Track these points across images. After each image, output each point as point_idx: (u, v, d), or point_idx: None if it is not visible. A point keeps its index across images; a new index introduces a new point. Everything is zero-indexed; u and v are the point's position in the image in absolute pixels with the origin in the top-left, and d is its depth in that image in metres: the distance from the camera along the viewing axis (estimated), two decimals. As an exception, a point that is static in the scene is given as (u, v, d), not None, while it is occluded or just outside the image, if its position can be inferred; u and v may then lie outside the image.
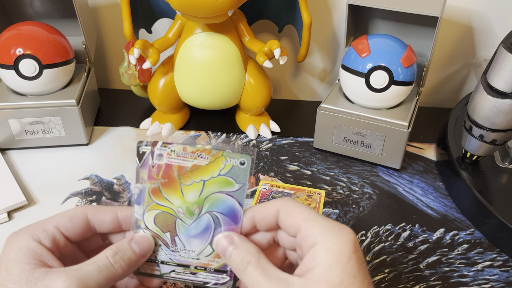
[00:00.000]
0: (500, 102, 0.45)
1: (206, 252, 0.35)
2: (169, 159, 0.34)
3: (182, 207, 0.34)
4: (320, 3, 0.65)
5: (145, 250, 0.34)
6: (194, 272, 0.35)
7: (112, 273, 0.31)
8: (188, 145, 0.34)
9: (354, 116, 0.55)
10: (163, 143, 0.34)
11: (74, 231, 0.34)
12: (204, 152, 0.34)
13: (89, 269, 0.30)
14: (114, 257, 0.32)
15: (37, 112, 0.55)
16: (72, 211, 0.34)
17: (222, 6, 0.48)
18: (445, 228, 0.50)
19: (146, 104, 0.67)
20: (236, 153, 0.34)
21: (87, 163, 0.57)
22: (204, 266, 0.35)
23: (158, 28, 0.64)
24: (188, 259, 0.35)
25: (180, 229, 0.35)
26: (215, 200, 0.34)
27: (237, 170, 0.34)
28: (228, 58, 0.56)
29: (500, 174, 0.53)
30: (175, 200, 0.34)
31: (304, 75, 0.73)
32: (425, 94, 0.72)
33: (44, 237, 0.32)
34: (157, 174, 0.34)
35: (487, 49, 0.66)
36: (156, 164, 0.34)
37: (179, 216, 0.35)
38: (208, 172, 0.34)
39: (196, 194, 0.34)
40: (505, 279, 0.44)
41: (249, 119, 0.63)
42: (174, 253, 0.35)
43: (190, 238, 0.35)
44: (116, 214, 0.35)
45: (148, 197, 0.34)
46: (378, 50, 0.52)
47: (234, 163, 0.34)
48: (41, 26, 0.55)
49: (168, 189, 0.34)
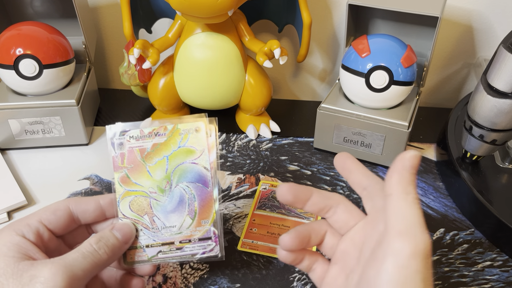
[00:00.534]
0: (500, 102, 0.45)
1: (186, 224, 0.36)
2: (130, 145, 0.36)
3: (153, 186, 0.35)
4: (320, 3, 0.65)
5: (127, 235, 0.35)
6: (180, 247, 0.36)
7: (97, 258, 0.32)
8: (144, 127, 0.35)
9: (354, 116, 0.55)
10: (121, 132, 0.35)
11: (58, 223, 0.34)
12: (160, 130, 0.35)
13: (74, 256, 0.31)
14: (98, 243, 0.33)
15: (37, 112, 0.55)
16: (55, 204, 0.35)
17: (222, 6, 0.48)
18: (445, 228, 0.50)
19: (146, 104, 0.67)
20: (190, 122, 0.35)
21: (87, 163, 0.57)
22: (187, 238, 0.36)
23: (158, 28, 0.64)
24: (171, 236, 0.36)
25: (156, 208, 0.36)
26: (182, 172, 0.35)
27: (194, 138, 0.35)
28: (228, 58, 0.56)
29: (500, 174, 0.53)
30: (144, 182, 0.35)
31: (304, 75, 0.73)
32: (425, 94, 0.72)
33: (28, 231, 0.33)
34: (122, 163, 0.35)
35: (487, 49, 0.66)
36: (119, 153, 0.35)
37: (152, 196, 0.35)
38: (168, 147, 0.35)
39: (163, 171, 0.35)
40: (505, 279, 0.44)
41: (249, 119, 0.63)
42: (156, 233, 0.36)
43: (168, 214, 0.36)
44: (99, 202, 0.36)
45: (119, 187, 0.35)
46: (378, 50, 0.52)
47: (190, 132, 0.35)
48: (41, 26, 0.55)
49: (135, 174, 0.35)
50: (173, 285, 0.43)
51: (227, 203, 0.52)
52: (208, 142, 0.35)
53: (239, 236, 0.48)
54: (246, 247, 0.47)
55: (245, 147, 0.60)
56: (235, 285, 0.43)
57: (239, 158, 0.58)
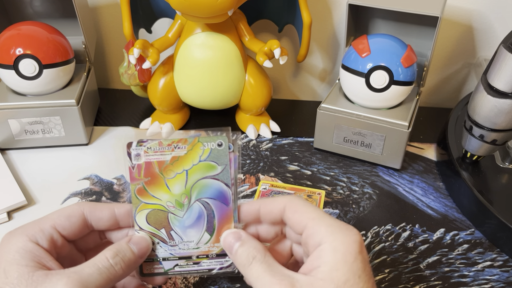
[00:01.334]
0: (500, 102, 0.45)
1: (205, 240, 0.35)
2: (147, 156, 0.34)
3: (171, 200, 0.34)
4: (320, 3, 0.65)
5: (143, 250, 0.34)
6: (197, 261, 0.35)
7: (112, 274, 0.31)
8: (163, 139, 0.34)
9: (354, 116, 0.55)
10: (138, 142, 0.34)
11: (72, 229, 0.33)
12: (180, 142, 0.34)
13: (90, 272, 0.30)
14: (114, 258, 0.32)
15: (37, 112, 0.55)
16: (69, 209, 0.34)
17: (222, 6, 0.48)
18: (445, 228, 0.50)
19: (146, 104, 0.67)
20: (212, 136, 0.34)
21: (87, 163, 0.57)
22: (205, 253, 0.35)
23: (158, 28, 0.64)
24: (188, 250, 0.35)
25: (174, 222, 0.35)
26: (201, 187, 0.34)
27: (216, 153, 0.34)
28: (228, 58, 0.56)
29: (500, 174, 0.52)
30: (162, 195, 0.34)
31: (304, 75, 0.73)
32: (425, 94, 0.72)
33: (41, 238, 0.31)
34: (139, 174, 0.34)
35: (487, 49, 0.66)
36: (136, 165, 0.34)
37: (170, 210, 0.35)
38: (188, 161, 0.34)
39: (182, 185, 0.34)
40: (505, 279, 0.44)
41: (249, 119, 0.63)
42: (173, 247, 0.35)
43: (186, 229, 0.35)
44: (114, 212, 0.35)
45: (135, 199, 0.34)
46: (378, 50, 0.52)
47: (212, 147, 0.34)
48: (41, 26, 0.55)
49: (153, 187, 0.34)
50: (173, 285, 0.43)
51: (227, 203, 0.52)
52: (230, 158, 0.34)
53: (239, 236, 0.48)
54: (246, 247, 0.47)
55: (245, 147, 0.60)
56: (235, 285, 0.43)
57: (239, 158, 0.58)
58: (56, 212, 0.34)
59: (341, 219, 0.51)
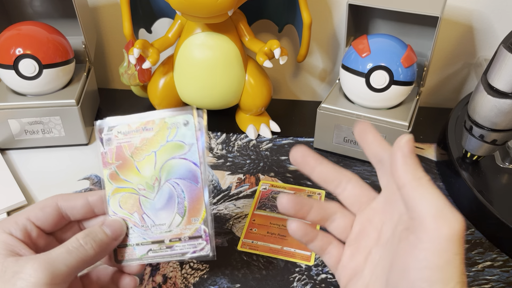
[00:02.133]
0: (500, 102, 0.45)
1: (176, 222, 0.35)
2: (118, 140, 0.34)
3: (142, 183, 0.34)
4: (320, 3, 0.65)
5: (117, 232, 0.34)
6: (170, 245, 0.35)
7: (83, 254, 0.32)
8: (132, 122, 0.34)
9: (354, 116, 0.55)
10: (109, 127, 0.34)
11: (47, 220, 0.34)
12: (148, 124, 0.34)
13: (58, 252, 0.31)
14: (84, 238, 0.32)
15: (37, 112, 0.55)
16: (43, 201, 0.35)
17: (222, 6, 0.48)
18: (445, 228, 0.50)
19: (146, 104, 0.67)
20: (177, 116, 0.34)
21: (87, 163, 0.57)
22: (177, 236, 0.35)
23: (158, 28, 0.64)
24: (161, 234, 0.35)
25: (145, 205, 0.35)
26: (170, 168, 0.34)
27: (183, 132, 0.34)
28: (228, 58, 0.56)
29: (500, 174, 0.52)
30: (133, 178, 0.34)
31: (304, 75, 0.73)
32: (425, 94, 0.72)
33: (15, 229, 0.32)
34: (110, 159, 0.34)
35: (487, 49, 0.66)
36: (108, 149, 0.34)
37: (141, 193, 0.35)
38: (156, 142, 0.34)
39: (151, 167, 0.34)
40: (505, 279, 0.44)
41: (249, 119, 0.63)
42: (146, 231, 0.35)
43: (157, 211, 0.35)
44: (87, 199, 0.35)
45: (108, 183, 0.35)
46: (378, 50, 0.52)
47: (178, 126, 0.34)
48: (41, 26, 0.55)
49: (124, 170, 0.34)
50: (173, 285, 0.43)
51: (227, 203, 0.52)
52: (197, 136, 0.34)
53: (239, 236, 0.48)
54: (246, 247, 0.47)
55: (245, 147, 0.60)
56: (235, 285, 0.43)
57: (239, 158, 0.58)
58: (31, 205, 0.35)
59: (341, 219, 0.50)
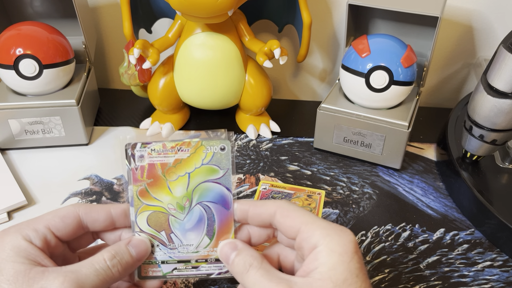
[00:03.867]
0: (500, 102, 0.45)
1: (204, 244, 0.35)
2: (151, 158, 0.34)
3: (172, 203, 0.35)
4: (320, 3, 0.65)
5: (142, 253, 0.34)
6: (196, 265, 0.35)
7: (109, 276, 0.31)
8: (167, 141, 0.34)
9: (354, 116, 0.55)
10: (142, 144, 0.34)
11: (66, 230, 0.33)
12: (184, 145, 0.34)
13: (87, 272, 0.30)
14: (112, 260, 0.32)
15: (37, 112, 0.55)
16: (64, 210, 0.33)
17: (222, 6, 0.48)
18: (445, 228, 0.50)
19: (146, 104, 0.67)
20: (215, 140, 0.34)
21: (87, 163, 0.57)
22: (204, 258, 0.35)
23: (158, 28, 0.64)
24: (188, 254, 0.35)
25: (174, 225, 0.35)
26: (203, 190, 0.34)
27: (218, 157, 0.34)
28: (228, 58, 0.56)
29: (500, 174, 0.53)
30: (164, 197, 0.35)
31: (304, 75, 0.73)
32: (425, 94, 0.72)
33: (35, 237, 0.31)
34: (141, 176, 0.34)
35: (487, 49, 0.66)
36: (139, 166, 0.34)
37: (171, 212, 0.35)
38: (191, 164, 0.34)
39: (183, 188, 0.34)
40: (505, 279, 0.44)
41: (249, 119, 0.63)
42: (173, 250, 0.35)
43: (186, 232, 0.35)
44: (110, 212, 0.34)
45: (137, 200, 0.34)
46: (378, 50, 0.52)
47: (215, 150, 0.34)
48: (41, 26, 0.55)
49: (155, 188, 0.34)
50: (173, 285, 0.43)
51: (227, 203, 0.52)
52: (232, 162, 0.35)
53: (239, 236, 0.48)
54: (246, 247, 0.47)
55: (245, 147, 0.60)
56: (235, 285, 0.43)
57: (239, 158, 0.58)
58: (50, 212, 0.33)
59: (341, 219, 0.51)
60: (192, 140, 0.34)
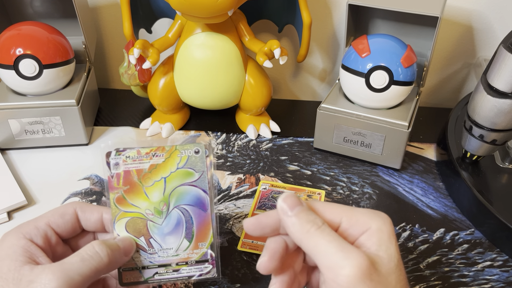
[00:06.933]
0: (500, 102, 0.45)
1: (184, 247, 0.35)
2: (126, 165, 0.35)
3: (150, 208, 0.35)
4: (320, 3, 0.65)
5: (128, 248, 0.34)
6: (177, 269, 0.36)
7: (96, 262, 0.31)
8: (141, 148, 0.35)
9: (354, 116, 0.55)
10: (117, 151, 0.35)
11: (66, 227, 0.34)
12: (158, 151, 0.35)
13: (72, 261, 0.31)
14: (100, 245, 0.32)
15: (37, 112, 0.55)
16: (62, 207, 0.35)
17: (222, 6, 0.48)
18: (445, 228, 0.50)
19: (146, 104, 0.67)
20: (189, 144, 0.35)
21: (87, 163, 0.57)
22: (184, 260, 0.36)
23: (158, 28, 0.64)
24: (168, 258, 0.36)
25: (153, 230, 0.35)
26: (179, 194, 0.35)
27: (193, 160, 0.35)
28: (228, 58, 0.56)
29: (500, 174, 0.53)
30: (141, 203, 0.35)
31: (304, 75, 0.73)
32: (425, 94, 0.72)
33: (36, 235, 0.32)
34: (117, 183, 0.35)
35: (487, 49, 0.66)
36: (115, 173, 0.35)
37: (149, 218, 0.35)
38: (166, 169, 0.35)
39: (160, 193, 0.35)
40: (505, 279, 0.44)
41: (249, 119, 0.63)
42: (153, 255, 0.35)
43: (165, 236, 0.35)
44: (102, 215, 0.35)
45: (115, 207, 0.35)
46: (378, 50, 0.52)
47: (189, 154, 0.35)
48: (41, 26, 0.55)
49: (132, 195, 0.35)
50: (173, 286, 0.43)
51: (227, 203, 0.52)
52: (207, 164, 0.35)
53: (239, 236, 0.48)
54: (246, 247, 0.47)
55: (245, 147, 0.60)
56: (235, 285, 0.43)
57: (239, 158, 0.58)
58: (50, 210, 0.35)
59: (341, 219, 0.51)
60: (166, 145, 0.35)
